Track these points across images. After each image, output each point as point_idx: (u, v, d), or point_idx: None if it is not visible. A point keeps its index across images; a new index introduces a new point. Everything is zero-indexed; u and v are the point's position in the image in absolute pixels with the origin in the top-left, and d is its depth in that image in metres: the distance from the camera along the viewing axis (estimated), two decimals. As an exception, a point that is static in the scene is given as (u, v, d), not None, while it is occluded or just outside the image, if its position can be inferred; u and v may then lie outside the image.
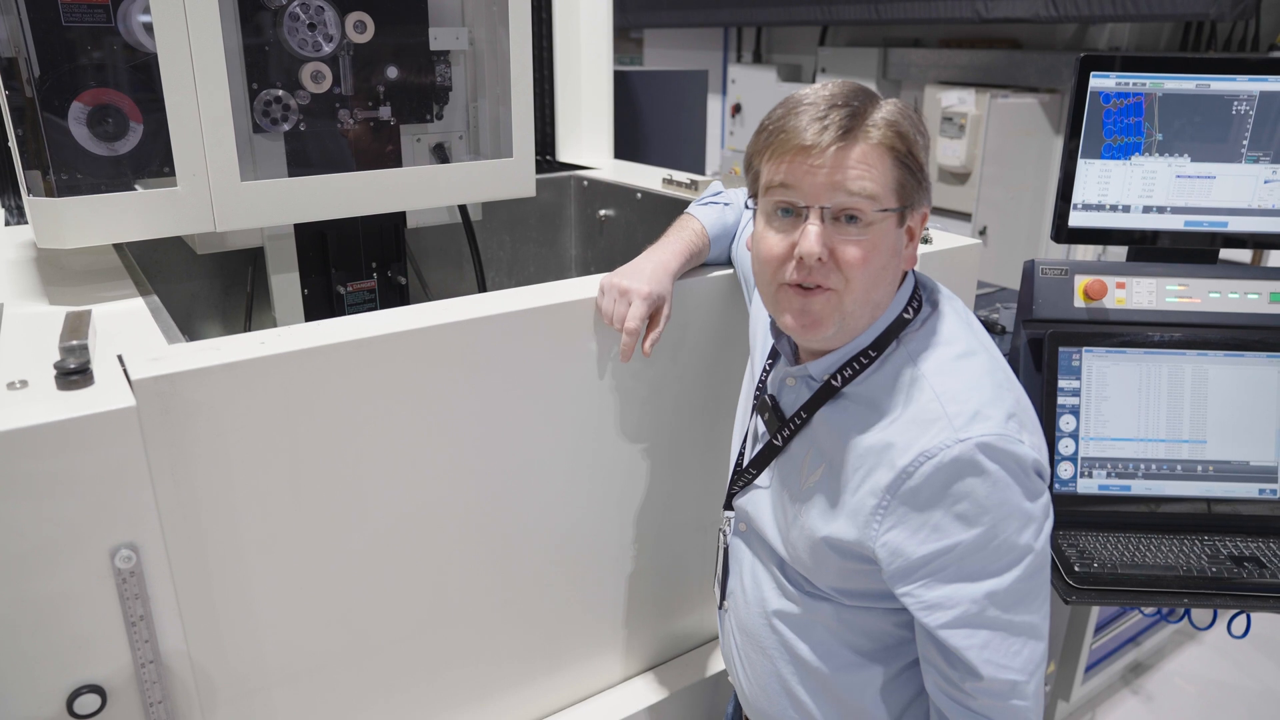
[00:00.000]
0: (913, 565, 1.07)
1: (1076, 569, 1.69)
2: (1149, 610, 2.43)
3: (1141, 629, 2.86)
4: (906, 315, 1.16)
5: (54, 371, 1.12)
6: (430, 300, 1.44)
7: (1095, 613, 2.61)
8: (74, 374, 1.11)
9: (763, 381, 1.31)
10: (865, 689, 1.21)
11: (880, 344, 1.15)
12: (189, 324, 2.28)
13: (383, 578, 1.42)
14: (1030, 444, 1.07)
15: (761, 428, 1.29)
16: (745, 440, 1.34)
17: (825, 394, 1.18)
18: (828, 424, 1.18)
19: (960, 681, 1.09)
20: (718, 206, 1.61)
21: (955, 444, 1.04)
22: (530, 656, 1.66)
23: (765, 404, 1.27)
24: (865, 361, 1.15)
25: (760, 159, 1.12)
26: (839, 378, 1.17)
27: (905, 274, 1.19)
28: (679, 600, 1.85)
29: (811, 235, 1.07)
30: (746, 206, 1.18)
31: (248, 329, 2.15)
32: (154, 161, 1.58)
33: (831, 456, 1.16)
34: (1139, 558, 1.72)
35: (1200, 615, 2.14)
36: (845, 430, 1.15)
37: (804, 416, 1.21)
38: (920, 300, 1.18)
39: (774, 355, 1.31)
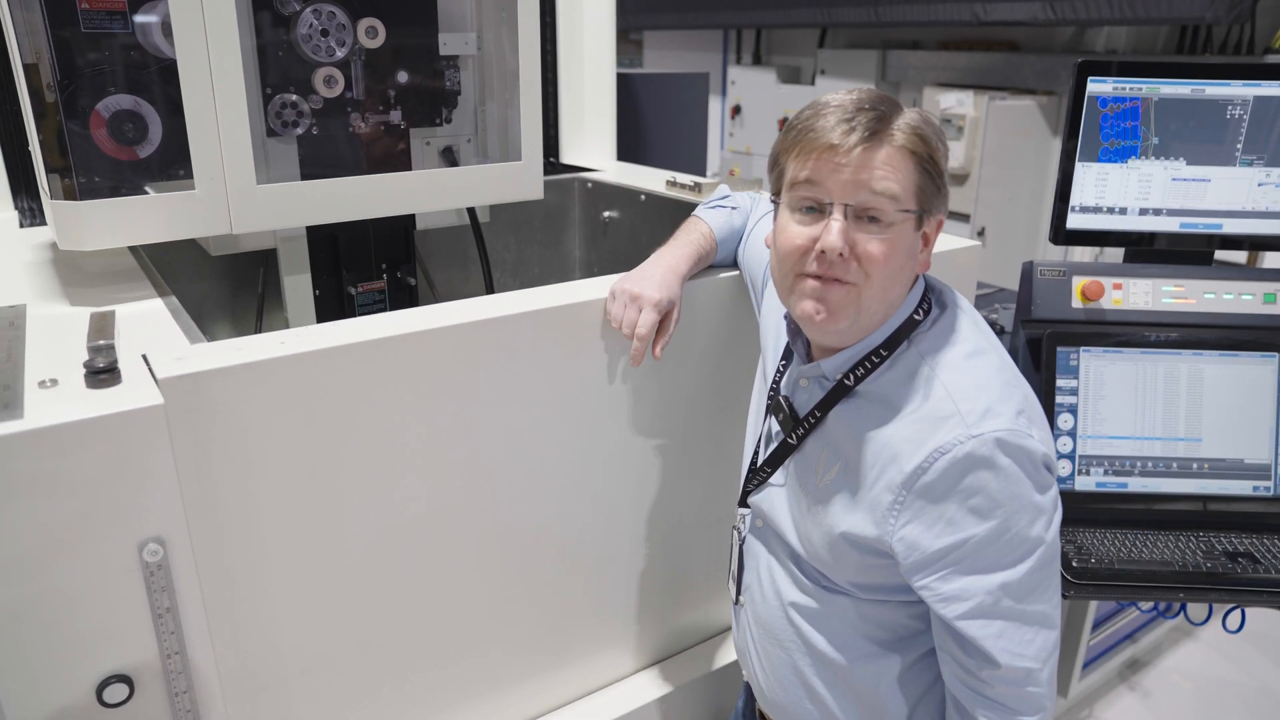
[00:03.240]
0: (929, 558, 1.11)
1: (1074, 565, 1.72)
2: (1146, 606, 2.46)
3: (1138, 626, 2.89)
4: (917, 316, 1.19)
5: (83, 370, 1.15)
6: (438, 301, 1.46)
7: (1092, 609, 2.64)
8: (103, 373, 1.14)
9: (776, 383, 1.34)
10: (880, 679, 1.24)
11: (891, 343, 1.18)
12: (199, 325, 2.29)
13: (398, 572, 1.45)
14: (1039, 439, 1.11)
15: (776, 428, 1.32)
16: (760, 440, 1.37)
17: (839, 393, 1.21)
18: (842, 422, 1.21)
19: (977, 670, 1.12)
20: (725, 210, 1.64)
21: (969, 440, 1.07)
22: (541, 649, 1.69)
23: (780, 405, 1.30)
24: (877, 360, 1.18)
25: (787, 157, 1.16)
26: (851, 376, 1.20)
27: (917, 277, 1.22)
28: (688, 595, 1.89)
29: (835, 230, 1.10)
30: (773, 202, 1.21)
31: (258, 330, 2.18)
32: (172, 165, 1.61)
33: (847, 454, 1.20)
34: (1136, 554, 1.75)
35: (1196, 611, 2.17)
36: (859, 428, 1.18)
37: (818, 415, 1.24)
38: (930, 302, 1.22)
39: (787, 356, 1.34)
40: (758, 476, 1.35)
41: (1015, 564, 1.09)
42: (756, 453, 1.38)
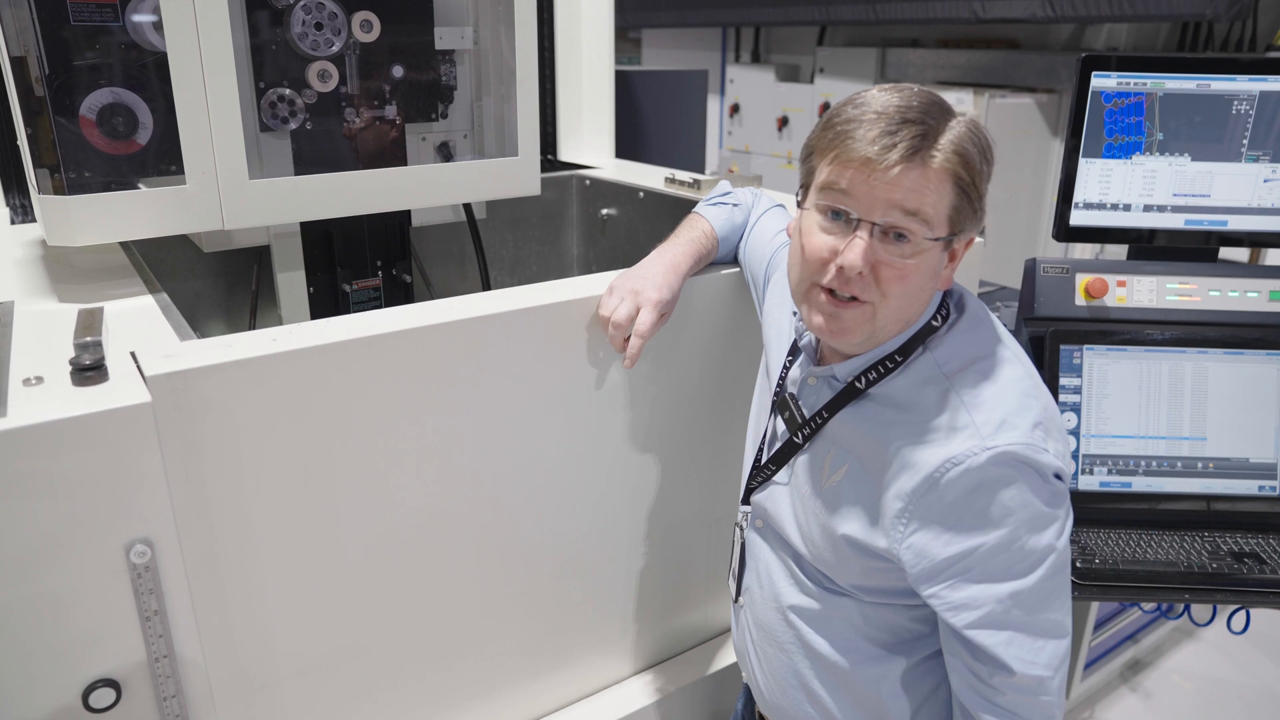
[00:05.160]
0: (938, 567, 1.09)
1: (1078, 565, 1.70)
2: (1149, 606, 2.44)
3: (1140, 626, 2.88)
4: (935, 323, 1.17)
5: (69, 368, 1.12)
6: (434, 299, 1.45)
7: (1094, 610, 2.62)
8: (89, 370, 1.11)
9: (782, 380, 1.32)
10: (882, 682, 1.22)
11: (906, 349, 1.16)
12: (193, 323, 2.27)
13: (392, 572, 1.43)
14: (1054, 451, 1.08)
15: (781, 426, 1.30)
16: (764, 437, 1.35)
17: (848, 394, 1.19)
18: (851, 424, 1.19)
19: (989, 677, 1.10)
20: (726, 207, 1.62)
21: (982, 451, 1.05)
22: (538, 651, 1.67)
23: (786, 403, 1.28)
24: (891, 365, 1.16)
25: (821, 157, 1.11)
26: (863, 379, 1.17)
27: None
28: (686, 596, 1.87)
29: (857, 249, 1.06)
30: (797, 201, 1.18)
31: (252, 327, 2.15)
32: (163, 160, 1.59)
33: (855, 457, 1.17)
34: (1140, 554, 1.74)
35: (1200, 611, 2.16)
36: (869, 431, 1.16)
37: (825, 416, 1.21)
38: (948, 308, 1.19)
39: (793, 353, 1.31)
40: (761, 474, 1.32)
41: (1026, 573, 1.07)
42: (760, 450, 1.35)
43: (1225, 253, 2.03)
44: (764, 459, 1.33)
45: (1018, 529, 1.06)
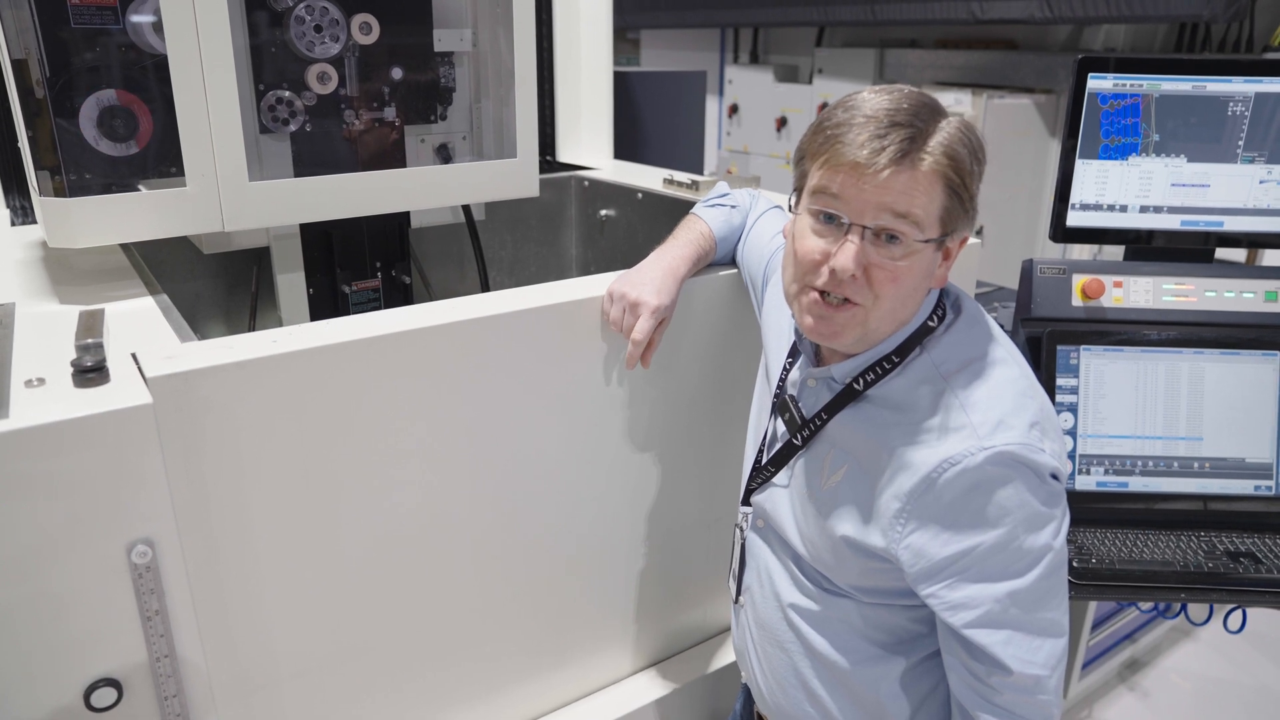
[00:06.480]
0: (936, 566, 1.09)
1: (1075, 565, 1.71)
2: (1146, 606, 2.45)
3: (1138, 626, 2.88)
4: (931, 323, 1.17)
5: (71, 369, 1.13)
6: (433, 300, 1.45)
7: (1092, 610, 2.63)
8: (91, 372, 1.12)
9: (781, 381, 1.33)
10: (881, 682, 1.23)
11: (904, 350, 1.16)
12: (193, 324, 2.27)
13: (392, 573, 1.43)
14: (1050, 451, 1.09)
15: (780, 428, 1.31)
16: (764, 438, 1.35)
17: (847, 396, 1.20)
18: (850, 426, 1.20)
19: (986, 676, 1.11)
20: (724, 208, 1.62)
21: (979, 452, 1.06)
22: (538, 651, 1.68)
23: (785, 404, 1.29)
24: (888, 366, 1.16)
25: (812, 162, 1.12)
26: (861, 381, 1.18)
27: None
28: (686, 596, 1.87)
29: (849, 253, 1.07)
30: (790, 205, 1.19)
31: (252, 329, 2.15)
32: (163, 162, 1.59)
33: (854, 458, 1.18)
34: (1136, 554, 1.74)
35: (1197, 611, 2.16)
36: (868, 433, 1.16)
37: (824, 418, 1.22)
38: (945, 308, 1.19)
39: (793, 355, 1.32)
40: (761, 475, 1.33)
41: (1023, 572, 1.08)
42: (761, 451, 1.36)
43: (1222, 253, 2.04)
44: (764, 460, 1.33)
45: (1015, 528, 1.07)
